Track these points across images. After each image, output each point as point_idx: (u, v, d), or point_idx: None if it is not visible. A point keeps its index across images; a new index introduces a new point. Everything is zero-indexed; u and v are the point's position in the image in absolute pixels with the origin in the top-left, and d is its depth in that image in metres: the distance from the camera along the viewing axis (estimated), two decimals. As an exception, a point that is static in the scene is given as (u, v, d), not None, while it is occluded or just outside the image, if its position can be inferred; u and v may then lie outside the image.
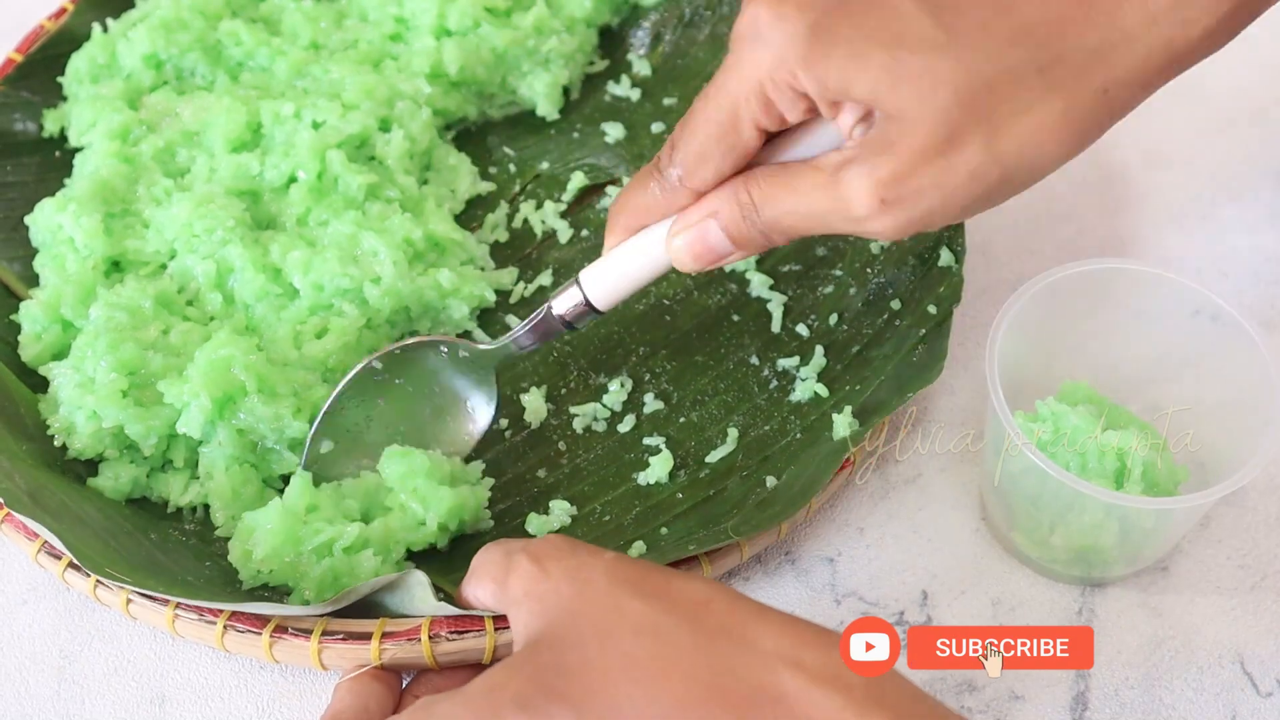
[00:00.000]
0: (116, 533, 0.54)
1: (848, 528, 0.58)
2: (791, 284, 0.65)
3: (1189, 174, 0.72)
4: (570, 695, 0.40)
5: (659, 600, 0.42)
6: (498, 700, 0.41)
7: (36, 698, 0.54)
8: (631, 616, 0.42)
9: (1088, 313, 0.56)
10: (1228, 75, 0.77)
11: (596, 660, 0.41)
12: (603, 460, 0.59)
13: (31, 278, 0.64)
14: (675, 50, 0.77)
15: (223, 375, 0.56)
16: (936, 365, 0.58)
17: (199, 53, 0.71)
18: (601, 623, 0.42)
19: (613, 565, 0.44)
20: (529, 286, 0.66)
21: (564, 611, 0.43)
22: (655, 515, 0.57)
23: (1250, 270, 0.67)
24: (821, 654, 0.41)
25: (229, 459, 0.56)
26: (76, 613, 0.56)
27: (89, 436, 0.56)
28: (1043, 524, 0.53)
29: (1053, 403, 0.53)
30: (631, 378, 0.62)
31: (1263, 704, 0.52)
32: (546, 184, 0.71)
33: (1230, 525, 0.57)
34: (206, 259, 0.62)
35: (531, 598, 0.44)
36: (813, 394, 0.60)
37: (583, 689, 0.40)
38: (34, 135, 0.72)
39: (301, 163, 0.65)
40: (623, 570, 0.44)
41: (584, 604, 0.43)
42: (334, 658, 0.50)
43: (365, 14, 0.74)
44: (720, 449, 0.59)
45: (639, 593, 0.43)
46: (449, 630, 0.50)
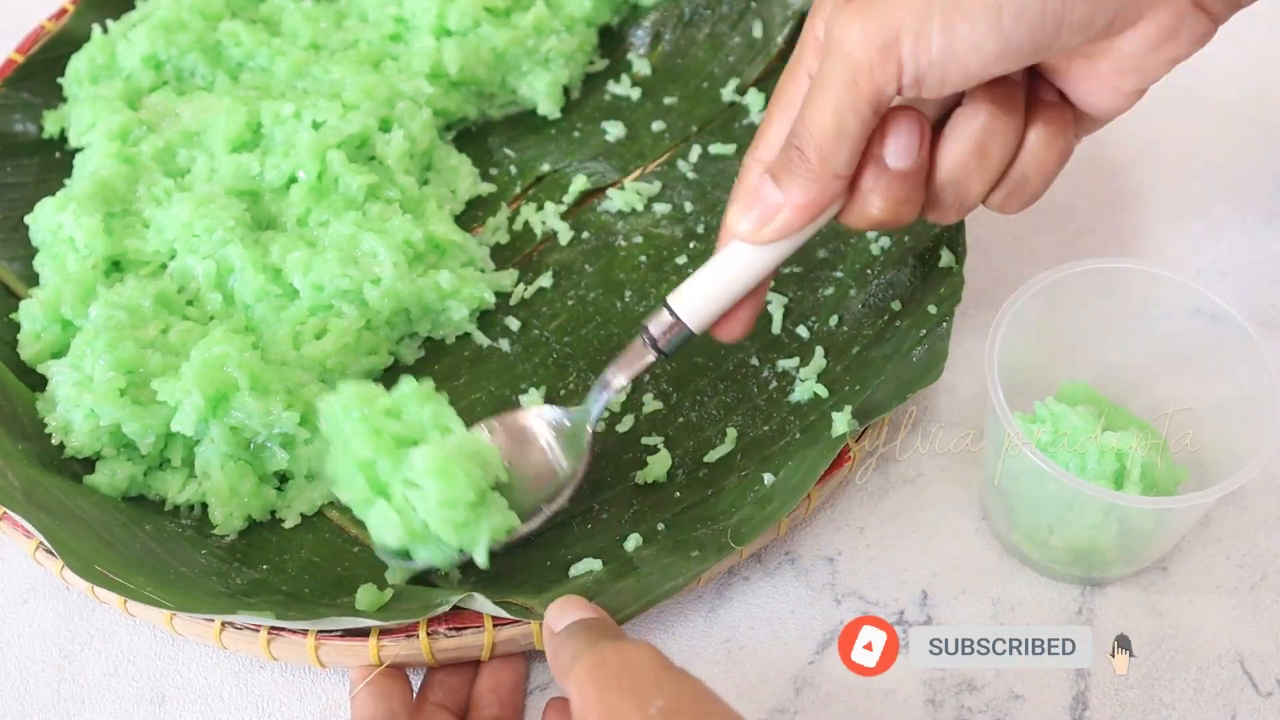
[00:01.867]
0: (111, 525, 0.54)
1: (848, 527, 0.58)
2: (792, 286, 0.65)
3: (1189, 174, 0.72)
4: None
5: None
6: None
7: (36, 697, 0.54)
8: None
9: (1088, 313, 0.56)
10: (1227, 75, 0.77)
11: None
12: (600, 459, 0.59)
13: (31, 277, 0.64)
14: (675, 49, 0.77)
15: (216, 373, 0.56)
16: (937, 366, 0.58)
17: (199, 53, 0.71)
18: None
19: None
20: (529, 288, 0.66)
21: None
22: (653, 513, 0.57)
23: (1250, 270, 0.67)
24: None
25: (223, 457, 0.56)
26: (76, 612, 0.56)
27: (86, 435, 0.56)
28: (1042, 524, 0.53)
29: (1052, 403, 0.53)
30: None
31: (1263, 704, 0.52)
32: (547, 186, 0.71)
33: (1230, 525, 0.57)
34: (206, 259, 0.62)
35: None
36: (812, 394, 0.60)
37: None
38: (34, 136, 0.72)
39: (301, 163, 0.65)
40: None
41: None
42: (332, 655, 0.51)
43: (365, 14, 0.74)
44: (719, 448, 0.59)
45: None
46: (447, 627, 0.50)
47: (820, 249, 0.66)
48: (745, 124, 0.73)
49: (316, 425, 0.57)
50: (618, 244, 0.68)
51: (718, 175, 0.71)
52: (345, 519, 0.57)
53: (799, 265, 0.66)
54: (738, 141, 0.72)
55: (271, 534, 0.57)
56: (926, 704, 0.52)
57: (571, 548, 0.56)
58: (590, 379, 0.62)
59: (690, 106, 0.74)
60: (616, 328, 0.64)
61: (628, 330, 0.64)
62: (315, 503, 0.58)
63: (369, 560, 0.56)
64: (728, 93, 0.74)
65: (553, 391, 0.62)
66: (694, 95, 0.75)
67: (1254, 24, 0.79)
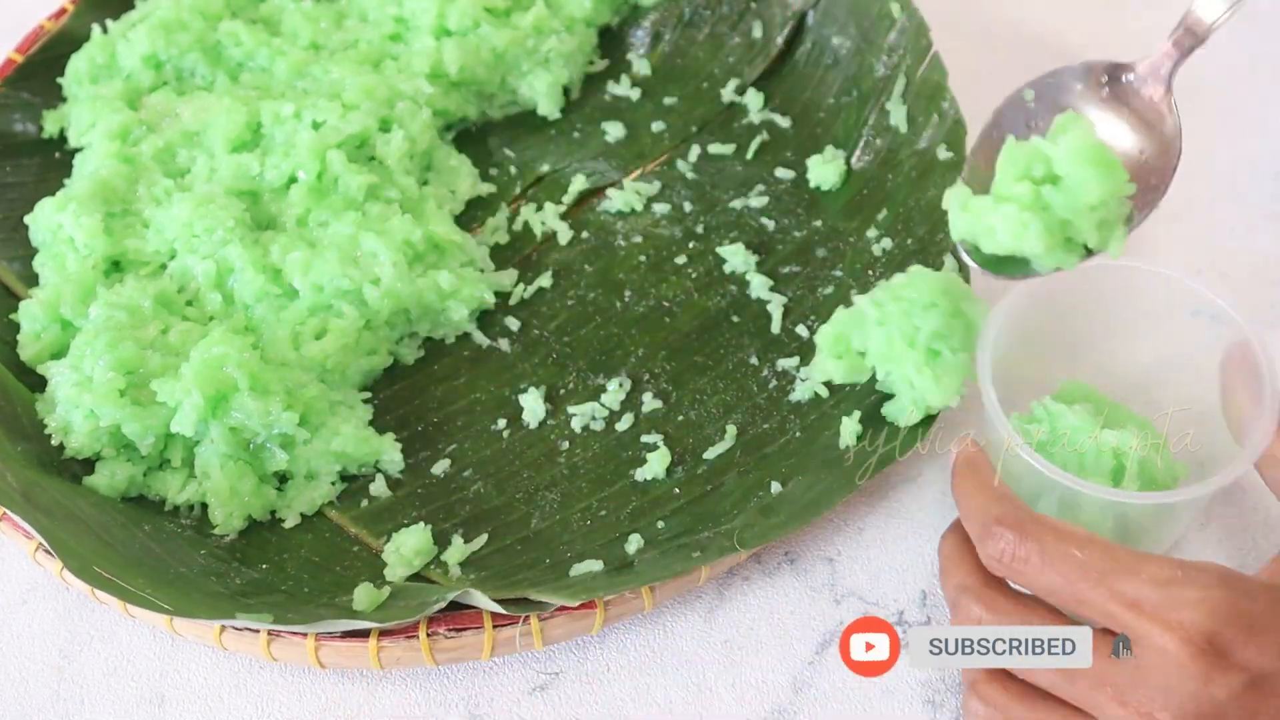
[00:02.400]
0: (110, 526, 0.54)
1: (847, 528, 0.58)
2: (792, 285, 0.65)
3: (1189, 174, 0.72)
4: None
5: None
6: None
7: (36, 698, 0.54)
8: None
9: (1087, 313, 0.56)
10: (1227, 76, 0.77)
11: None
12: (600, 457, 0.59)
13: (31, 277, 0.64)
14: (675, 50, 0.77)
15: (215, 373, 0.56)
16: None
17: (199, 53, 0.71)
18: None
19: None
20: (529, 288, 0.66)
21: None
22: (652, 510, 0.57)
23: (1250, 270, 0.67)
24: None
25: (223, 457, 0.56)
26: (76, 612, 0.56)
27: (86, 435, 0.56)
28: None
29: (1049, 403, 0.53)
30: (630, 378, 0.62)
31: (1263, 704, 0.52)
32: (547, 186, 0.71)
33: (1230, 525, 0.57)
34: (206, 259, 0.62)
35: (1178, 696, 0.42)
36: (813, 394, 0.60)
37: None
38: (34, 136, 0.72)
39: (301, 163, 0.65)
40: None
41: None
42: (332, 655, 0.51)
43: (365, 14, 0.74)
44: (718, 446, 0.59)
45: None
46: (447, 628, 0.50)
47: (820, 248, 0.66)
48: (744, 123, 0.73)
49: (315, 426, 0.58)
50: (617, 244, 0.68)
51: (716, 175, 0.71)
52: (344, 518, 0.57)
53: (798, 265, 0.66)
54: (737, 141, 0.72)
55: (271, 533, 0.57)
56: (926, 704, 0.52)
57: (571, 544, 0.56)
58: (590, 378, 0.62)
59: (690, 107, 0.74)
60: (616, 327, 0.64)
61: (627, 330, 0.64)
62: (315, 502, 0.58)
63: (368, 559, 0.56)
64: (728, 93, 0.74)
65: (552, 391, 0.62)
66: (694, 96, 0.75)
67: (1254, 24, 0.79)
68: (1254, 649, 0.42)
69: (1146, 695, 0.43)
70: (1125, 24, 0.80)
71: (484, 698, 0.53)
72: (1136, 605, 0.43)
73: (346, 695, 0.53)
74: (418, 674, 0.54)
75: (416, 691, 0.54)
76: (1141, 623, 0.43)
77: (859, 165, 0.70)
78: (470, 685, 0.54)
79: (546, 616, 0.51)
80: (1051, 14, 0.81)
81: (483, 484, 0.59)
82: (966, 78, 0.70)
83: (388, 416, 0.61)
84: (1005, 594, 0.48)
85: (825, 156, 0.70)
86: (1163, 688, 0.43)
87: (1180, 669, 0.42)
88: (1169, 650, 0.42)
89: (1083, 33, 0.80)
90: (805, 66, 0.75)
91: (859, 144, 0.70)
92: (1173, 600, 0.43)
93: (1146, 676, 0.43)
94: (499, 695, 0.53)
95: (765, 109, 0.74)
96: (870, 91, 0.71)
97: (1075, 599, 0.45)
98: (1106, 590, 0.44)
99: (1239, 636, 0.42)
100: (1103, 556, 0.44)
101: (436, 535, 0.56)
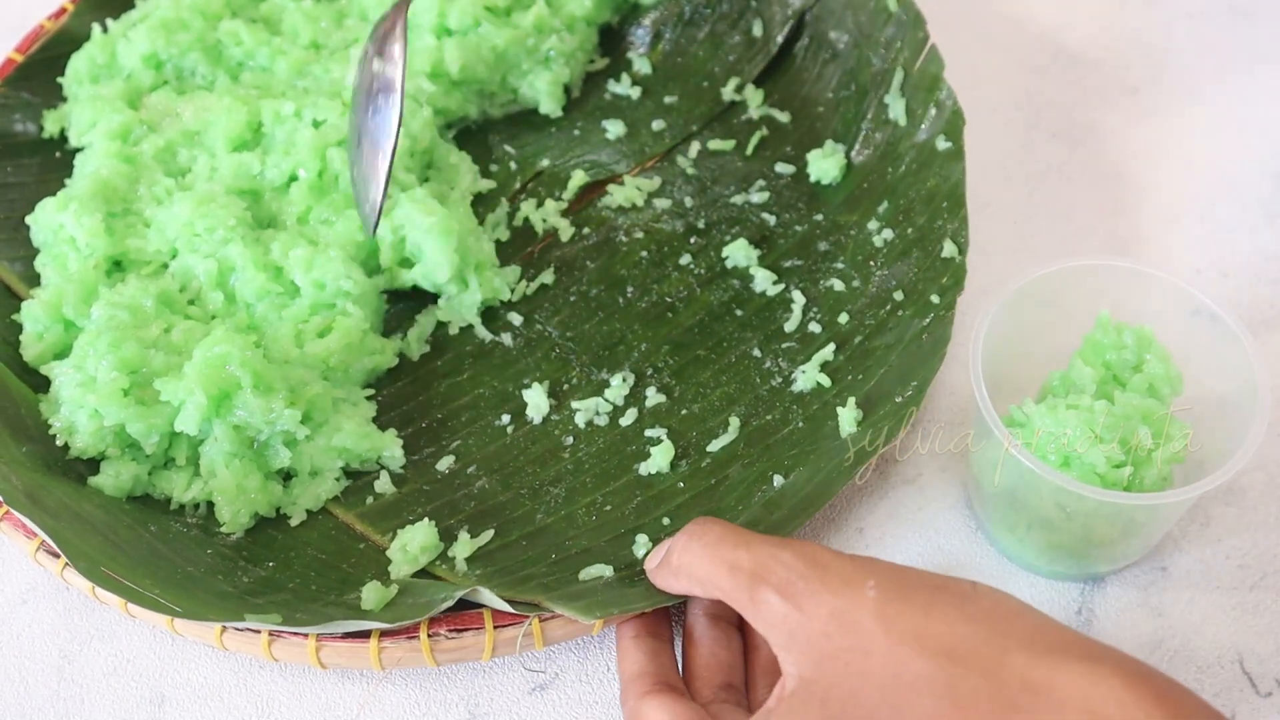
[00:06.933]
0: (116, 526, 0.54)
1: (848, 528, 0.58)
2: (794, 278, 0.65)
3: (1189, 174, 0.72)
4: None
5: (949, 660, 0.40)
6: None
7: (36, 697, 0.54)
8: (923, 684, 0.40)
9: (1086, 313, 0.56)
10: (1226, 76, 0.77)
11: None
12: (604, 452, 0.59)
13: (33, 277, 0.64)
14: (675, 48, 0.77)
15: (218, 372, 0.56)
16: (939, 353, 0.58)
17: (199, 53, 0.71)
18: (891, 693, 0.40)
19: (880, 609, 0.42)
20: (530, 285, 0.66)
21: (841, 665, 0.41)
22: (657, 504, 0.57)
23: (1250, 270, 0.67)
24: (1133, 709, 0.38)
25: (227, 455, 0.56)
26: (76, 612, 0.56)
27: (90, 435, 0.56)
28: (1032, 521, 0.53)
29: (1029, 405, 0.53)
30: (634, 373, 0.62)
31: (1263, 704, 0.52)
32: (547, 182, 0.71)
33: (1230, 525, 0.57)
34: (208, 258, 0.62)
35: (795, 640, 0.43)
36: (815, 384, 0.60)
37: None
38: (34, 136, 0.72)
39: (302, 161, 0.65)
40: (896, 618, 0.41)
41: (866, 663, 0.41)
42: (333, 656, 0.51)
43: (365, 13, 0.74)
44: (722, 438, 0.59)
45: (924, 650, 0.40)
46: (448, 629, 0.50)
47: (821, 241, 0.66)
48: (743, 119, 0.73)
49: (318, 423, 0.58)
50: (619, 240, 0.68)
51: (717, 171, 0.71)
52: (350, 515, 0.58)
53: (800, 259, 0.66)
54: (736, 137, 0.72)
55: (277, 531, 0.57)
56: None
57: (577, 540, 0.56)
58: (593, 373, 0.62)
59: (690, 105, 0.74)
60: (619, 322, 0.64)
61: (630, 325, 0.64)
62: (320, 498, 0.58)
63: (374, 556, 0.56)
64: (728, 91, 0.74)
65: (556, 386, 0.62)
66: (694, 94, 0.75)
67: (1254, 24, 0.79)
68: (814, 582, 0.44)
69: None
70: (1126, 23, 0.80)
71: (484, 698, 0.53)
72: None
73: (346, 695, 0.54)
74: (418, 674, 0.54)
75: (416, 691, 0.54)
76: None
77: (859, 158, 0.70)
78: (470, 685, 0.54)
79: (547, 617, 0.51)
80: (1051, 13, 0.81)
81: (487, 480, 0.59)
82: (967, 78, 0.70)
83: (392, 413, 0.62)
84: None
85: (825, 151, 0.70)
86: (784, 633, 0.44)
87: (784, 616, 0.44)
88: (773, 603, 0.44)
89: (1083, 33, 0.80)
90: (803, 62, 0.75)
91: (858, 137, 0.70)
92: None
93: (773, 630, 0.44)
94: (499, 695, 0.53)
95: (764, 104, 0.74)
96: (868, 85, 0.71)
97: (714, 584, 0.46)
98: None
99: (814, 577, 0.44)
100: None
101: (442, 531, 0.56)
